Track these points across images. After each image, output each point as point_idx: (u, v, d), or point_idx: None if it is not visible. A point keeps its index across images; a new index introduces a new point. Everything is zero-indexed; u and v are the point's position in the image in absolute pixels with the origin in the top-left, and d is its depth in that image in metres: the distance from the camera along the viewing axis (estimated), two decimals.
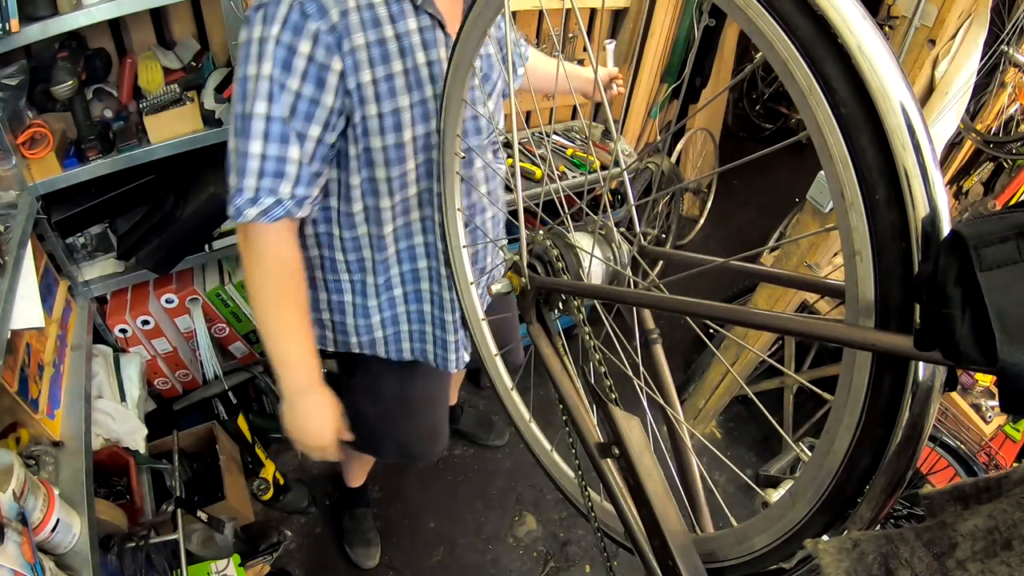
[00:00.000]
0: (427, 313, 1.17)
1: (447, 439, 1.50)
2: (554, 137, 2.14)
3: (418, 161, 1.00)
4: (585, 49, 2.13)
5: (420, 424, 1.40)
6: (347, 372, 1.30)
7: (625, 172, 0.79)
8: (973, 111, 2.08)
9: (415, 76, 0.90)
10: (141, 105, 1.39)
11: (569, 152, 2.05)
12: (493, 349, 1.05)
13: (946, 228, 0.37)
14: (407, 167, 0.98)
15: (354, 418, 1.51)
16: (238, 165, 0.84)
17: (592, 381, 0.66)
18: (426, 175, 1.03)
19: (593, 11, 2.12)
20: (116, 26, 1.46)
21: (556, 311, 0.75)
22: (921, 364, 0.40)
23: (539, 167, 1.90)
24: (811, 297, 1.85)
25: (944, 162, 2.30)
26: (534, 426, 0.99)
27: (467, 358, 1.26)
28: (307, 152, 0.87)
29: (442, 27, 0.91)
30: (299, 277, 0.96)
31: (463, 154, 0.96)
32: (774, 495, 0.61)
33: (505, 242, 1.31)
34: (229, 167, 0.86)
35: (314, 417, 1.01)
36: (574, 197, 0.84)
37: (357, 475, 1.87)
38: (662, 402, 0.70)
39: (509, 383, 1.03)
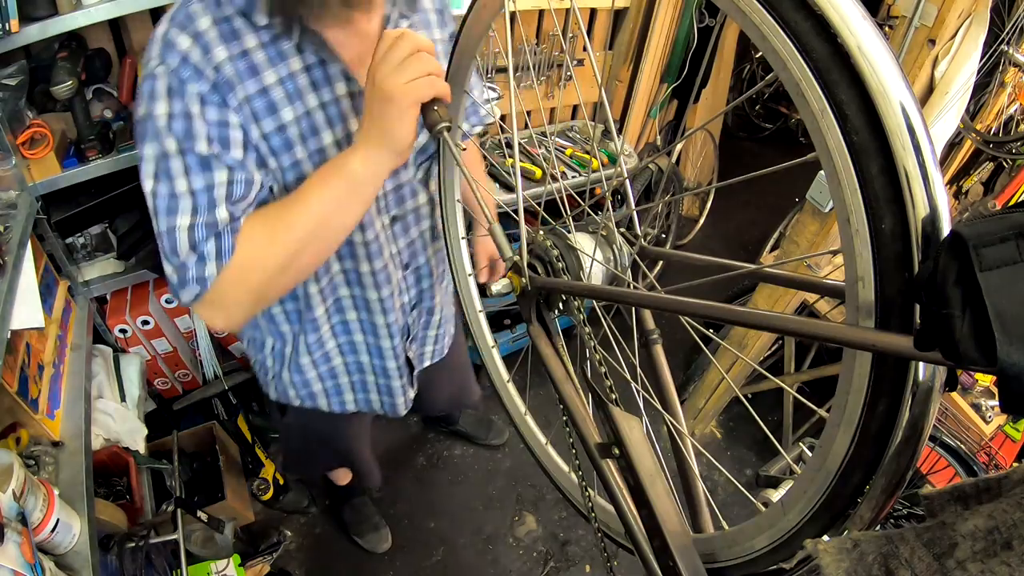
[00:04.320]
0: (366, 364, 1.13)
1: (378, 471, 1.59)
2: (554, 138, 2.14)
3: None
4: (585, 49, 2.13)
5: (352, 462, 1.46)
6: (279, 410, 1.24)
7: (626, 173, 0.79)
8: (973, 111, 2.08)
9: (308, 123, 0.80)
10: None
11: (568, 152, 2.05)
12: (490, 341, 1.05)
13: (946, 228, 0.37)
14: None
15: (287, 448, 1.51)
16: (169, 244, 0.75)
17: (592, 381, 0.66)
18: None
19: (593, 11, 2.12)
20: (116, 26, 1.46)
21: (556, 311, 0.75)
22: (921, 364, 0.40)
23: (539, 167, 1.91)
24: (811, 297, 1.85)
25: (944, 162, 2.30)
26: (529, 419, 1.00)
27: (412, 396, 1.23)
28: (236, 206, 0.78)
29: (335, 64, 0.80)
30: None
31: (463, 145, 0.96)
32: (774, 495, 0.61)
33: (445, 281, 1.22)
34: (161, 254, 0.76)
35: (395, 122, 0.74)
36: (577, 198, 0.84)
37: (343, 474, 1.88)
38: (660, 408, 0.70)
39: (505, 376, 1.03)
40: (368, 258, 0.96)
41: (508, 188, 1.83)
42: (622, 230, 0.75)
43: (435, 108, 0.72)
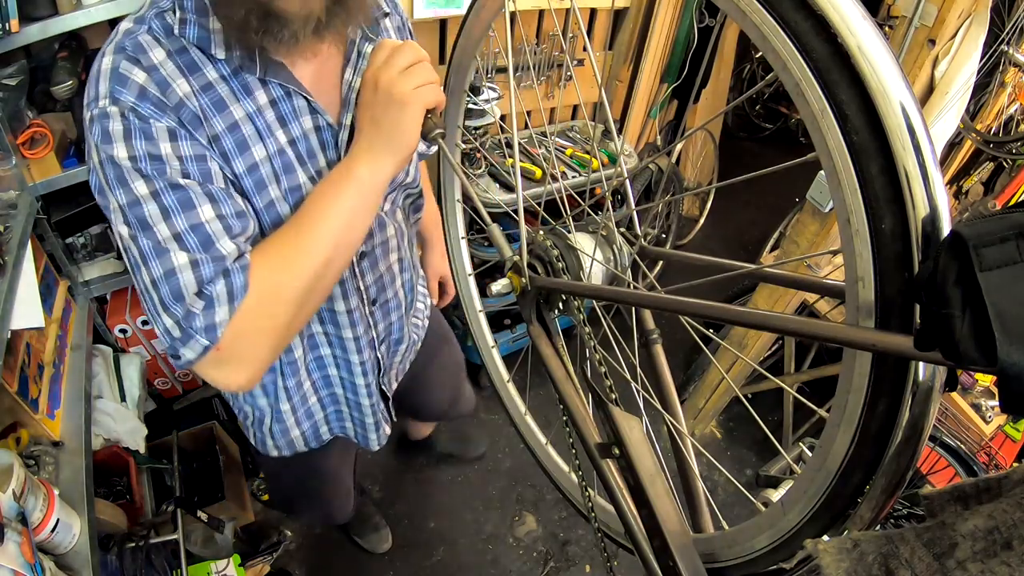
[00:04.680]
0: (340, 396, 1.09)
1: (354, 497, 1.53)
2: (554, 138, 2.14)
3: None
4: (585, 49, 2.13)
5: (333, 492, 1.40)
6: (256, 451, 1.20)
7: (626, 173, 0.79)
8: (973, 111, 2.08)
9: (281, 161, 0.74)
10: None
11: (568, 152, 2.05)
12: (490, 341, 1.05)
13: (946, 228, 0.37)
14: None
15: (268, 485, 1.43)
16: (170, 289, 0.65)
17: (592, 381, 0.66)
18: None
19: (593, 11, 2.12)
20: (116, 26, 1.46)
21: (556, 311, 0.75)
22: (921, 364, 0.40)
23: (539, 167, 1.91)
24: (811, 297, 1.85)
25: (944, 162, 2.30)
26: (529, 419, 1.00)
27: (388, 431, 1.20)
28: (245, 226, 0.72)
29: (301, 96, 0.74)
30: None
31: (462, 145, 0.95)
32: (774, 495, 0.62)
33: (423, 318, 1.22)
34: (153, 310, 0.66)
35: (401, 120, 0.70)
36: (577, 198, 0.84)
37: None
38: (660, 408, 0.70)
39: (505, 375, 1.04)
40: (344, 296, 0.92)
41: (508, 188, 1.83)
42: (622, 230, 0.75)
43: (429, 116, 0.72)
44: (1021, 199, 2.06)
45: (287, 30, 0.64)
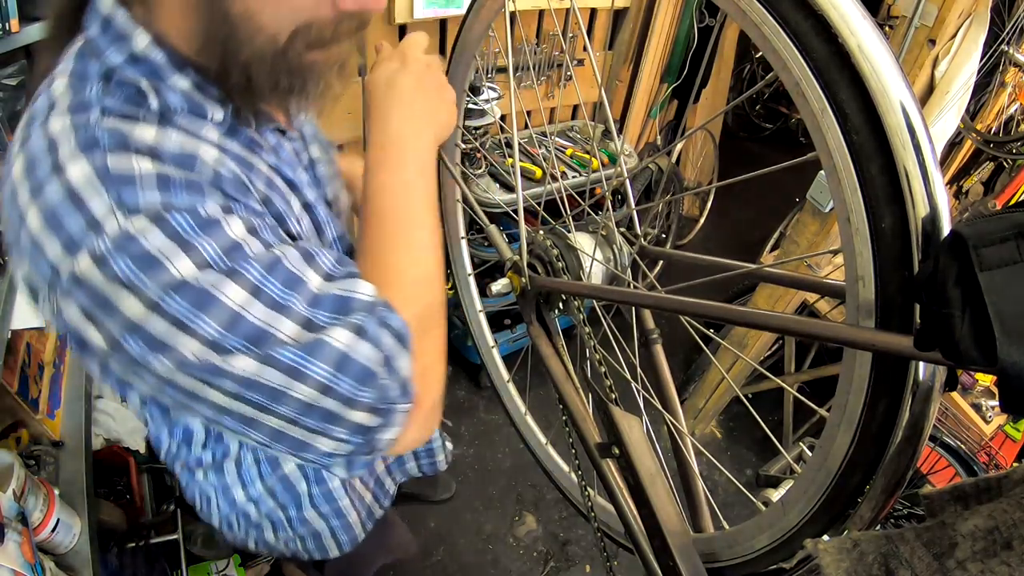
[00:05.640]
0: None
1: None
2: (554, 138, 2.14)
3: None
4: (585, 49, 2.13)
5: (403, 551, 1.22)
6: (316, 567, 1.02)
7: (626, 173, 0.79)
8: (973, 111, 2.08)
9: (314, 215, 0.63)
10: None
11: (569, 152, 2.05)
12: (490, 341, 1.05)
13: (946, 228, 0.37)
14: None
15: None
16: (353, 377, 0.48)
17: (592, 381, 0.66)
18: None
19: (593, 11, 2.12)
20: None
21: (556, 311, 0.75)
22: (921, 364, 0.40)
23: (539, 167, 1.91)
24: (811, 297, 1.85)
25: (944, 162, 2.31)
26: (530, 419, 1.00)
27: (450, 446, 1.12)
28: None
29: (284, 137, 0.63)
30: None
31: (462, 145, 0.95)
32: (774, 495, 0.62)
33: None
34: (327, 422, 0.49)
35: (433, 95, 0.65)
36: (577, 198, 0.84)
37: None
38: (660, 408, 0.70)
39: (505, 375, 1.04)
40: None
41: (508, 188, 1.83)
42: (622, 230, 0.75)
43: None
44: (1021, 199, 2.06)
45: (321, 81, 0.54)
